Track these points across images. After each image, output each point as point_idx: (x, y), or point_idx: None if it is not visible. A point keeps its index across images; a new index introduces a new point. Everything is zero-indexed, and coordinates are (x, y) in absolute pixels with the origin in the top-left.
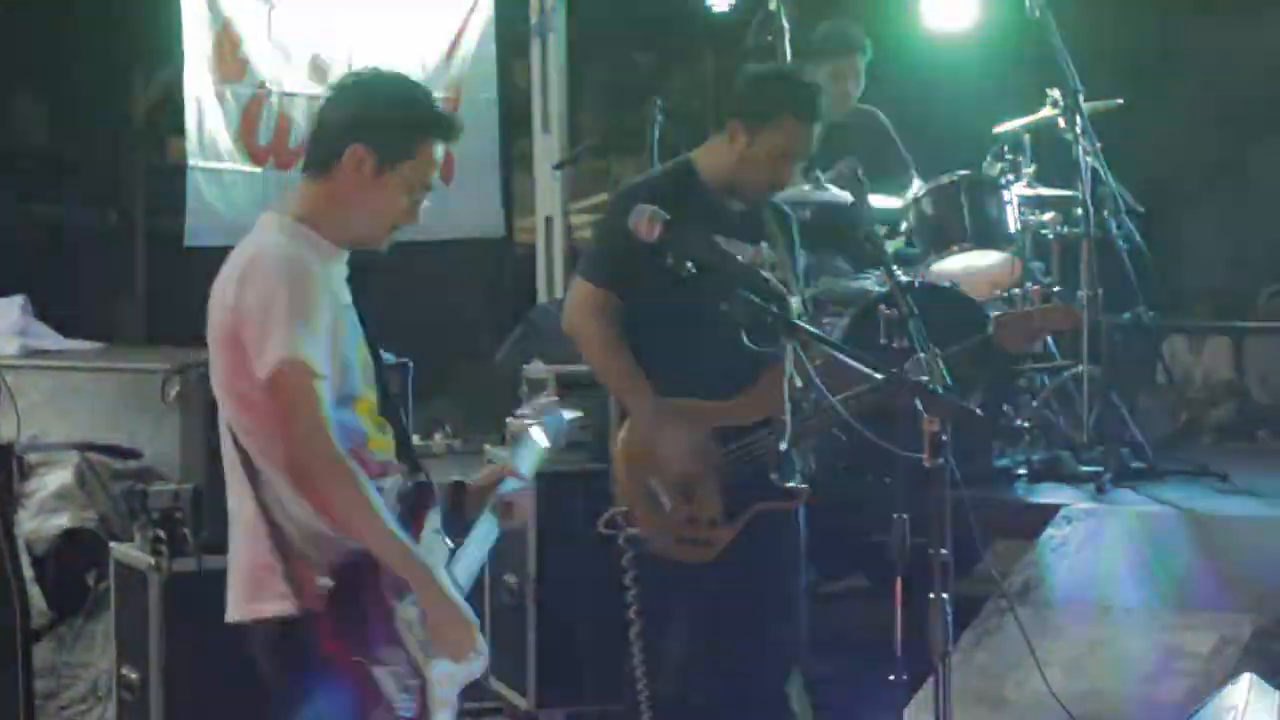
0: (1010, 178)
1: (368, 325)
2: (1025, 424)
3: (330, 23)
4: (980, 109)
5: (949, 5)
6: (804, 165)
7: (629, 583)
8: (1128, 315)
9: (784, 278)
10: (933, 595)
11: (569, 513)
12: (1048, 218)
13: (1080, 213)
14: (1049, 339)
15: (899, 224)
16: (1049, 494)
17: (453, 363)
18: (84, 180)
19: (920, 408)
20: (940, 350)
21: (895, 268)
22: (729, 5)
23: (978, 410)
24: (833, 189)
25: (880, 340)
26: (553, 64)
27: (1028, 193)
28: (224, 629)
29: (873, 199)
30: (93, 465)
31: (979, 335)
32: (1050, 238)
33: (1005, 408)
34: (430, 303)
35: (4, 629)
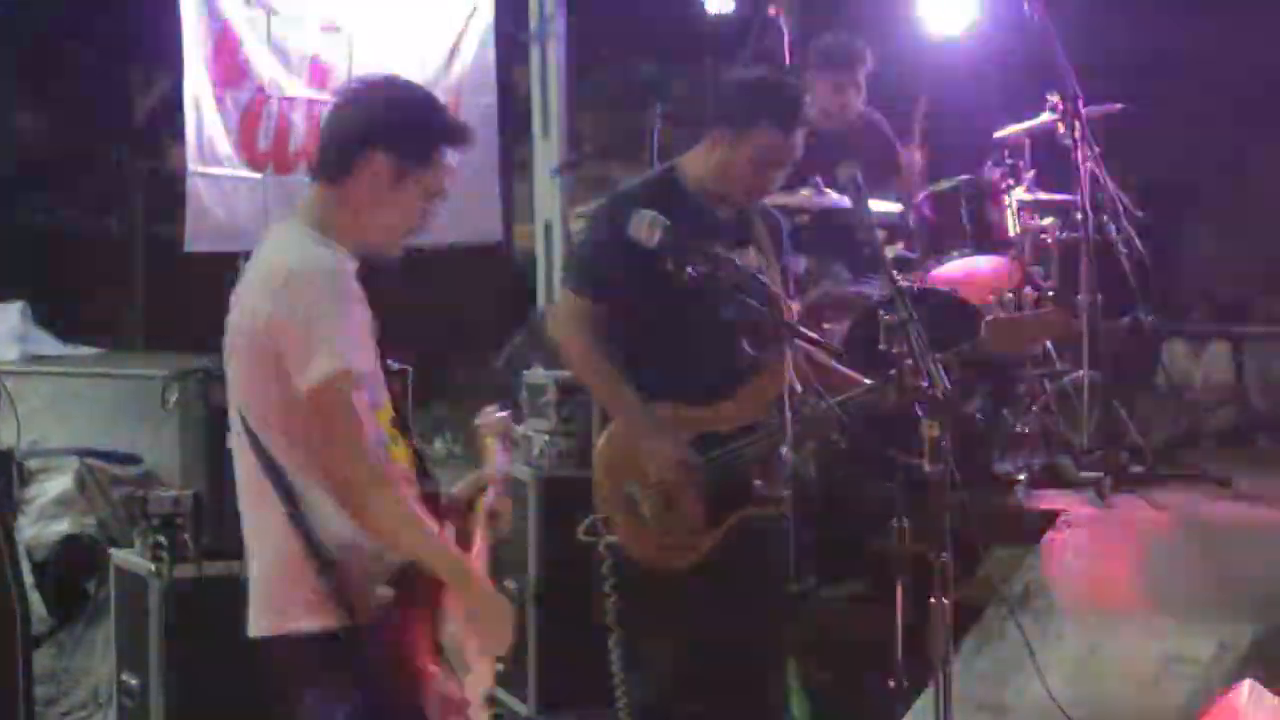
0: (1010, 182)
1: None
2: (1025, 429)
3: (330, 27)
4: (980, 114)
5: (949, 10)
6: (804, 172)
7: (607, 590)
8: (1127, 320)
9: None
10: (933, 601)
11: (570, 518)
12: (1047, 222)
13: (1080, 217)
14: (1049, 344)
15: (899, 229)
16: (1049, 499)
17: (452, 368)
18: (83, 186)
19: (920, 413)
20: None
21: (895, 273)
22: (729, 11)
23: (977, 415)
24: (832, 194)
25: (880, 345)
26: (552, 69)
27: (1027, 197)
28: (224, 635)
29: (873, 204)
30: (93, 471)
31: (969, 340)
32: (1050, 242)
33: (1005, 413)
34: (429, 308)
35: (4, 635)
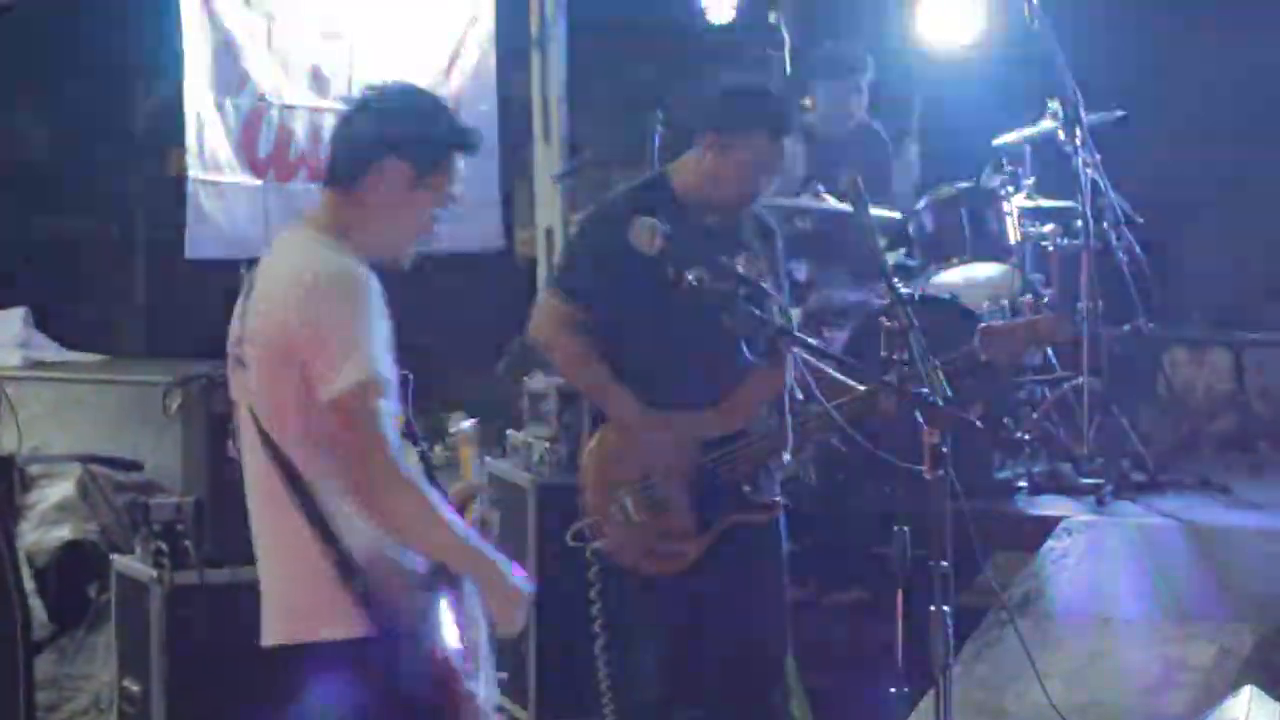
0: (1010, 189)
1: None
2: (1025, 436)
3: (330, 35)
4: (980, 121)
5: (949, 18)
6: (805, 178)
7: (594, 596)
8: (1128, 327)
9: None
10: (933, 607)
11: (569, 525)
12: (1048, 229)
13: (1080, 224)
14: (1049, 351)
15: (899, 236)
16: (1049, 506)
17: (453, 375)
18: (84, 192)
19: (920, 419)
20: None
21: (895, 280)
22: (730, 18)
23: (977, 422)
24: (832, 201)
25: (881, 352)
26: (553, 76)
27: (1027, 204)
28: (226, 642)
29: (873, 211)
30: (94, 477)
31: (964, 348)
32: (1050, 249)
33: (1005, 420)
34: (430, 315)
35: (5, 641)
